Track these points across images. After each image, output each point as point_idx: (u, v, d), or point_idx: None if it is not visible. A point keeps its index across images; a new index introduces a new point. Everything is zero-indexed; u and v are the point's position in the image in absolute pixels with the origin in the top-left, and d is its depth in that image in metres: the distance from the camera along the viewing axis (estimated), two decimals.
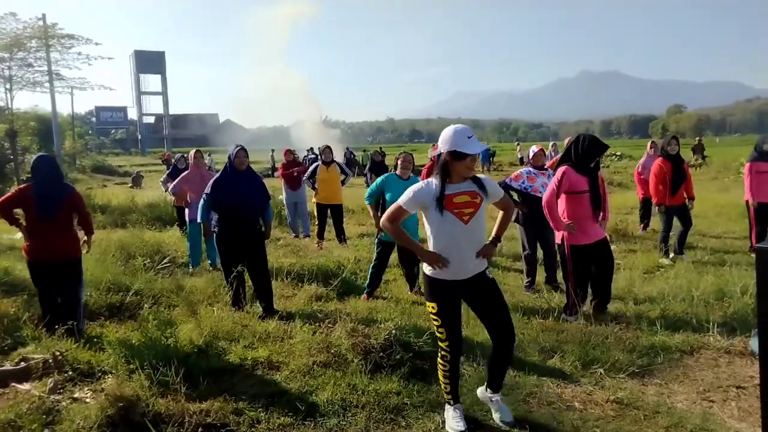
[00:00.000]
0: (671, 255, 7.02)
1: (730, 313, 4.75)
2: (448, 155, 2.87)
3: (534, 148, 6.05)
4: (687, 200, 7.16)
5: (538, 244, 5.93)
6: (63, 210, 4.55)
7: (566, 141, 9.18)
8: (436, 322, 3.04)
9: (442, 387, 3.16)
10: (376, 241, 5.79)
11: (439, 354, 3.10)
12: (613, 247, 5.39)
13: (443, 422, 3.16)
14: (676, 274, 6.03)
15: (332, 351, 4.00)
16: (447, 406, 3.19)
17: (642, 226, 9.17)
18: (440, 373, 3.14)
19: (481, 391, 3.30)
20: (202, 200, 5.31)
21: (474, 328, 4.26)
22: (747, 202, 7.10)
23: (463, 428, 3.03)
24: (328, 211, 8.70)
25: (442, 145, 2.91)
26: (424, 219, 3.04)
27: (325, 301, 5.51)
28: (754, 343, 3.97)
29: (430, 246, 3.02)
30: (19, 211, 4.66)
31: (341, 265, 6.44)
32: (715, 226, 9.18)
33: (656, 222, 8.96)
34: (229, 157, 5.28)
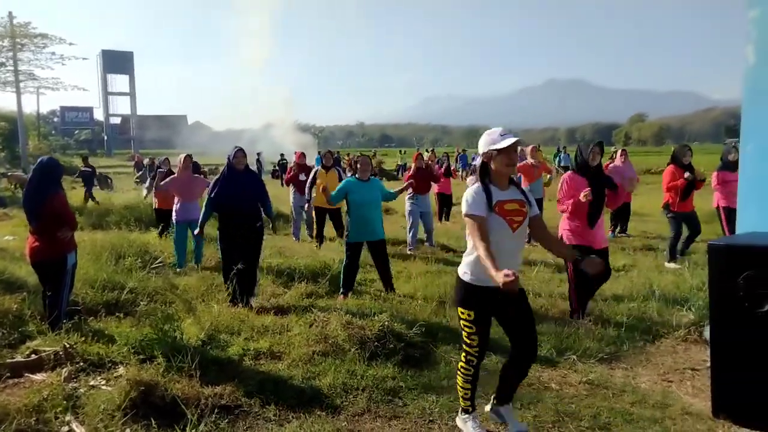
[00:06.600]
0: (679, 258, 7.33)
1: (687, 306, 5.24)
2: (485, 157, 2.91)
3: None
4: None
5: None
6: (42, 217, 4.65)
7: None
8: (469, 329, 2.96)
9: (462, 393, 3.08)
10: (345, 242, 6.01)
11: (464, 359, 3.03)
12: None
13: (436, 401, 3.51)
14: (639, 273, 6.54)
15: (330, 342, 4.30)
16: (464, 415, 3.11)
17: (612, 229, 9.74)
18: (461, 378, 3.06)
19: (491, 407, 3.24)
20: (206, 201, 5.59)
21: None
22: (717, 207, 7.73)
23: None
24: (327, 215, 8.86)
25: (480, 150, 2.96)
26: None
27: (315, 298, 5.81)
28: (706, 332, 4.47)
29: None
30: None
31: (327, 266, 6.73)
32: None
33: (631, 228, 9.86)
34: (228, 158, 5.58)
